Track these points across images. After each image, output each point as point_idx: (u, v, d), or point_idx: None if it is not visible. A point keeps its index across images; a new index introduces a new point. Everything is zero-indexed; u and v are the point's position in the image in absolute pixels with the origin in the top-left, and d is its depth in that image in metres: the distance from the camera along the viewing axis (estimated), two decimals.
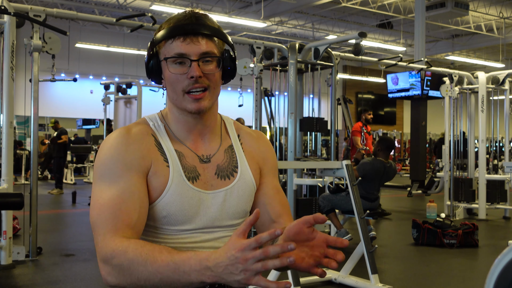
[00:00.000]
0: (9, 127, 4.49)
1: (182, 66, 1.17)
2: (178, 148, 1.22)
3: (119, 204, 1.11)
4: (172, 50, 1.17)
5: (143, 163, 1.17)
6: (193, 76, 1.16)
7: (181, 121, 1.24)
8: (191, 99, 1.18)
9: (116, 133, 1.20)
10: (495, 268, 1.48)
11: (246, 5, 15.27)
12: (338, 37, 13.91)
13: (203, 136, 1.26)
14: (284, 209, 1.31)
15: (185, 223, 1.18)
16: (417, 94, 11.66)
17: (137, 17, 5.52)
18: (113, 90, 8.84)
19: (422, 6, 12.69)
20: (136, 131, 1.21)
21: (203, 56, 1.17)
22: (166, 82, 1.21)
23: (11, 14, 4.42)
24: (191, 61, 1.16)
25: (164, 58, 1.18)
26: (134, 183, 1.14)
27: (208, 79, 1.18)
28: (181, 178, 1.18)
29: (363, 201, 5.32)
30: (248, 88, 12.14)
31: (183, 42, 1.17)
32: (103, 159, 1.17)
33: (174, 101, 1.21)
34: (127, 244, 1.05)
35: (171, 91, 1.20)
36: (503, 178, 7.76)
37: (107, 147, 1.18)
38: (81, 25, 16.51)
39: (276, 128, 6.69)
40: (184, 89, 1.17)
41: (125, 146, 1.17)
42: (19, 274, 4.28)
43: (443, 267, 4.67)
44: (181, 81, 1.17)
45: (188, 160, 1.22)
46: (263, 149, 1.35)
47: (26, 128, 16.26)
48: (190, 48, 1.16)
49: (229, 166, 1.26)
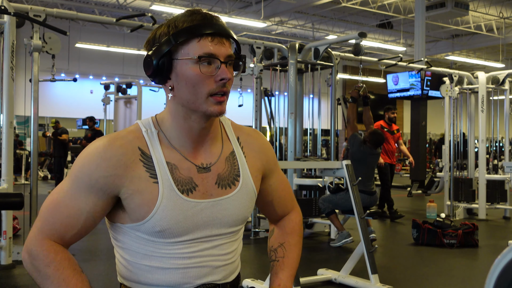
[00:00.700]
0: (9, 127, 4.49)
1: (209, 67, 1.11)
2: (171, 160, 1.16)
3: (65, 214, 1.13)
4: (200, 50, 1.10)
5: (112, 184, 1.11)
6: (225, 78, 1.11)
7: (183, 128, 1.16)
8: (215, 101, 1.12)
9: (99, 143, 1.14)
10: (495, 268, 1.48)
11: (246, 5, 15.27)
12: (338, 37, 13.91)
13: (204, 143, 1.20)
14: (289, 202, 1.42)
15: (182, 235, 1.15)
16: (417, 94, 11.66)
17: (137, 17, 5.52)
18: (113, 90, 8.85)
19: (422, 6, 12.69)
20: (120, 143, 1.13)
21: (229, 59, 1.13)
22: (183, 82, 1.12)
23: (11, 14, 4.42)
24: (221, 62, 1.11)
25: (199, 57, 1.09)
26: (88, 202, 1.12)
27: (229, 84, 1.15)
28: (174, 193, 1.13)
29: (361, 195, 5.32)
30: (248, 88, 12.13)
31: (211, 42, 1.11)
32: (77, 164, 1.15)
33: (190, 104, 1.13)
34: (53, 257, 1.10)
35: (189, 92, 1.12)
36: (503, 178, 7.76)
37: (85, 155, 1.14)
38: (81, 25, 16.51)
39: (276, 128, 6.70)
40: (211, 92, 1.11)
41: (100, 160, 1.11)
42: (19, 274, 4.28)
43: (443, 267, 4.67)
44: (208, 83, 1.11)
45: (182, 172, 1.16)
46: (263, 148, 1.32)
47: (26, 128, 16.26)
48: (219, 48, 1.11)
49: (230, 175, 1.22)
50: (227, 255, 1.22)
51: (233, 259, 1.25)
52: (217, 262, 1.19)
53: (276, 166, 1.36)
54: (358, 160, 5.32)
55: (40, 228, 1.13)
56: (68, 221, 1.13)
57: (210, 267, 1.19)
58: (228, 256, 1.23)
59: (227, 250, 1.22)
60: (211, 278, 1.19)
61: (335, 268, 4.17)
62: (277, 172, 1.37)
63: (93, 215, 1.14)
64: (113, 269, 1.26)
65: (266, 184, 1.34)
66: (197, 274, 1.17)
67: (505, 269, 1.45)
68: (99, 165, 1.11)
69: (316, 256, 5.10)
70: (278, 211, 1.40)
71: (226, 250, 1.22)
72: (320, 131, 6.79)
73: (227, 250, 1.22)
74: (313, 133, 6.89)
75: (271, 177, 1.35)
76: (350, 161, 4.00)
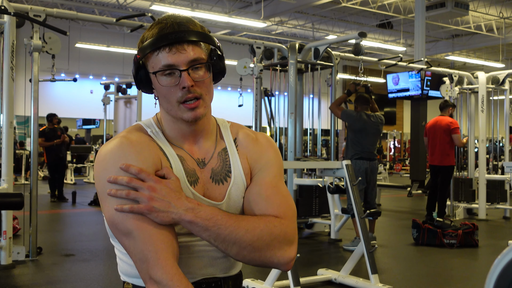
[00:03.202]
0: (9, 127, 4.49)
1: (172, 77, 1.14)
2: (178, 153, 1.21)
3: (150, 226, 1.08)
4: (159, 62, 1.14)
5: (158, 162, 1.15)
6: (185, 86, 1.13)
7: (175, 128, 1.21)
8: (187, 108, 1.16)
9: (114, 142, 1.14)
10: (495, 268, 1.48)
11: (246, 5, 15.27)
12: (338, 37, 13.91)
13: (197, 142, 1.24)
14: (270, 205, 1.18)
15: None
16: (417, 94, 11.66)
17: (137, 17, 5.53)
18: (113, 90, 8.85)
19: (422, 6, 12.69)
20: (136, 137, 1.16)
21: (192, 64, 1.15)
22: (159, 94, 1.18)
23: (11, 14, 4.42)
24: (181, 71, 1.14)
25: (153, 72, 1.15)
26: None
27: (199, 87, 1.16)
28: (185, 184, 1.17)
29: (361, 162, 5.34)
30: (248, 88, 12.15)
31: (169, 52, 1.13)
32: (99, 172, 1.11)
33: (169, 111, 1.18)
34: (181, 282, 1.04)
35: (165, 102, 1.18)
36: (503, 178, 7.77)
37: (107, 158, 1.11)
38: (81, 25, 16.52)
39: (276, 128, 6.70)
40: (179, 100, 1.15)
41: (132, 149, 1.12)
42: (19, 274, 4.28)
43: (443, 267, 4.68)
44: (174, 92, 1.15)
45: (189, 164, 1.21)
46: (258, 148, 1.28)
47: (26, 128, 16.27)
48: (177, 57, 1.13)
49: (223, 170, 1.24)
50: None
51: None
52: (216, 253, 1.21)
53: (267, 166, 1.26)
54: (360, 130, 5.41)
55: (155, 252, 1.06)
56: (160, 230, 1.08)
57: (209, 257, 1.20)
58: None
59: None
60: (211, 270, 1.21)
61: (335, 268, 4.17)
62: (267, 172, 1.25)
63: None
64: (113, 269, 1.27)
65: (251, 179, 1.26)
66: (196, 264, 1.19)
67: (505, 269, 1.45)
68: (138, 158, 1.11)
69: (316, 256, 5.10)
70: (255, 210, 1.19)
71: None
72: (320, 131, 6.79)
73: None
74: (313, 133, 6.89)
75: (257, 174, 1.25)
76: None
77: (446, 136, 6.86)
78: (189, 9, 14.01)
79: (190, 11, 13.75)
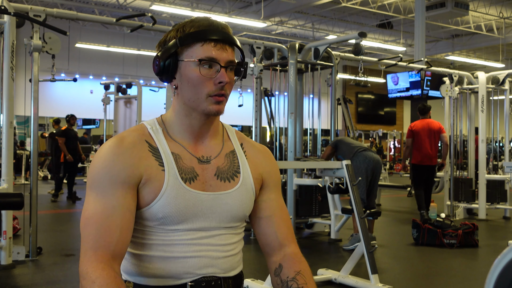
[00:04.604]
0: (9, 127, 4.49)
1: (210, 70, 1.20)
2: (175, 150, 1.24)
3: (101, 220, 1.14)
4: (202, 54, 1.19)
5: (131, 174, 1.18)
6: (222, 81, 1.20)
7: (185, 124, 1.25)
8: (214, 101, 1.21)
9: (109, 143, 1.22)
10: (495, 268, 1.48)
11: (246, 5, 15.27)
12: (338, 37, 13.92)
13: (204, 139, 1.28)
14: (289, 232, 1.35)
15: (182, 223, 1.19)
16: (417, 94, 11.66)
17: (137, 17, 5.52)
18: (113, 90, 8.86)
19: (422, 6, 12.70)
20: (129, 139, 1.22)
21: (230, 64, 1.22)
22: (185, 82, 1.22)
23: (11, 14, 4.42)
24: (221, 66, 1.20)
25: (200, 60, 1.19)
26: (118, 197, 1.16)
27: (228, 87, 1.23)
28: (177, 181, 1.20)
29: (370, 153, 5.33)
30: (248, 88, 12.14)
31: (214, 47, 1.20)
32: (92, 170, 1.19)
33: (191, 102, 1.22)
34: (97, 275, 1.09)
35: (190, 92, 1.22)
36: (503, 178, 7.76)
37: (98, 159, 1.19)
38: (81, 25, 16.52)
39: (276, 128, 6.70)
40: (210, 93, 1.20)
41: (115, 157, 1.18)
42: (19, 274, 4.28)
43: (443, 267, 4.68)
44: (207, 85, 1.20)
45: (185, 162, 1.23)
46: (268, 162, 1.37)
47: (26, 128, 16.27)
48: (221, 54, 1.20)
49: (230, 170, 1.28)
50: (226, 246, 1.25)
51: (233, 252, 1.27)
52: (216, 253, 1.22)
53: (277, 187, 1.37)
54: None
55: (85, 250, 1.13)
56: (108, 224, 1.14)
57: (209, 257, 1.21)
58: (227, 248, 1.25)
59: (226, 242, 1.25)
60: (211, 270, 1.22)
61: (335, 268, 4.17)
62: (277, 193, 1.37)
63: (128, 207, 1.16)
64: None
65: (264, 196, 1.34)
66: (196, 264, 1.20)
67: (505, 269, 1.45)
68: (115, 161, 1.18)
69: (316, 256, 5.10)
70: (278, 234, 1.32)
71: (225, 241, 1.25)
72: (320, 131, 6.79)
73: (226, 241, 1.25)
74: (313, 133, 6.89)
75: (269, 192, 1.34)
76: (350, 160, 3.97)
77: (438, 137, 7.33)
78: (189, 9, 13.99)
79: (190, 11, 13.74)
